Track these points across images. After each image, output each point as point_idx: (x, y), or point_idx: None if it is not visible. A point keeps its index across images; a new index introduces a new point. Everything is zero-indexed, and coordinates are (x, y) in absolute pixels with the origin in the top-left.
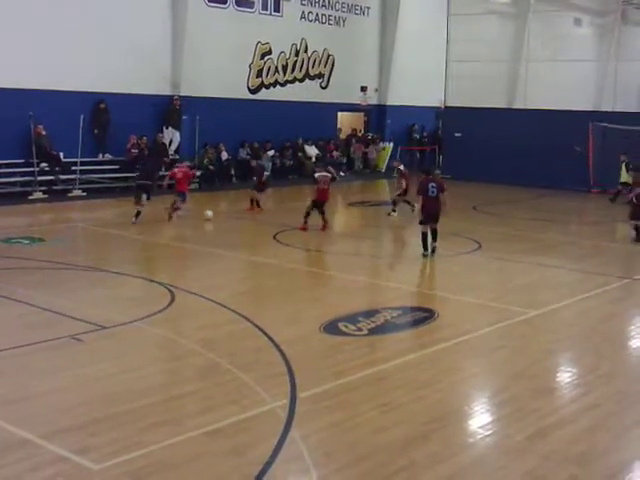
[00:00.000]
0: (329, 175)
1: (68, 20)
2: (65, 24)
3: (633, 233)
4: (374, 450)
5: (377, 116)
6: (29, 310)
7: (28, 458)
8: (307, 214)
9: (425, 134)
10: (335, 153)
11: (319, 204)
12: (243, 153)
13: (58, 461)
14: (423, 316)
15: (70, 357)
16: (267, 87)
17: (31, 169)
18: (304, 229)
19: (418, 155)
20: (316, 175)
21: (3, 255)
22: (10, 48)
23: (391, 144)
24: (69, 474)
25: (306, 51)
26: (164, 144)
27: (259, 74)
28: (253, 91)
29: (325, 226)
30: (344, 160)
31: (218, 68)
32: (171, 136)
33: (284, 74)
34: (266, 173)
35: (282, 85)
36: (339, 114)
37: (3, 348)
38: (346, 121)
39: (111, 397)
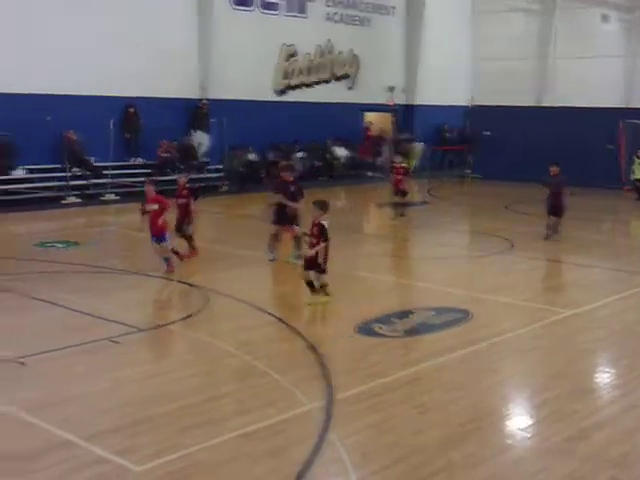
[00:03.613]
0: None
1: (98, 26)
2: (95, 30)
3: None
4: (412, 451)
5: (405, 116)
6: (67, 313)
7: (70, 459)
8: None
9: (453, 133)
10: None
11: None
12: (272, 156)
13: (99, 462)
14: (457, 317)
15: (108, 359)
16: (293, 89)
17: (64, 174)
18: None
19: (447, 155)
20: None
21: (40, 259)
22: (40, 54)
23: (422, 144)
24: (110, 475)
25: (331, 52)
26: (193, 147)
27: (285, 76)
28: (279, 93)
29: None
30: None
31: (244, 70)
32: (200, 139)
33: (310, 75)
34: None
35: (308, 86)
36: (366, 114)
37: (43, 351)
38: (374, 122)
39: (149, 399)
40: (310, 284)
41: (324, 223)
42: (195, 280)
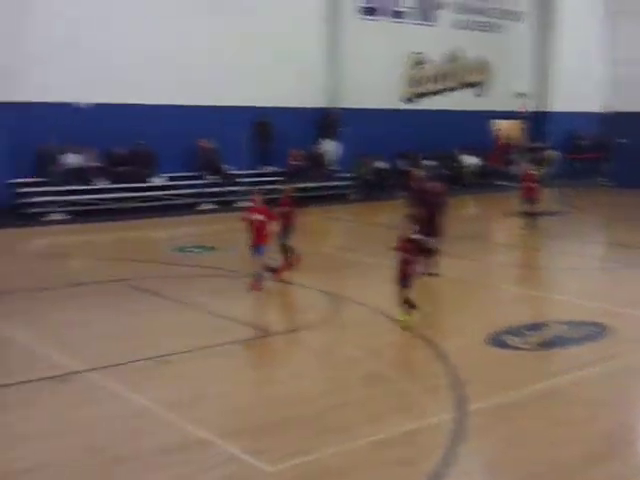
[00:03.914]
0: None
1: (231, 39)
2: (229, 43)
3: None
4: (550, 467)
5: (536, 123)
6: (204, 315)
7: (204, 456)
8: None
9: (587, 141)
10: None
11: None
12: (402, 164)
13: (232, 461)
14: (593, 331)
15: (241, 361)
16: (421, 97)
17: (200, 182)
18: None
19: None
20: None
21: (178, 263)
22: (178, 67)
23: (556, 152)
24: (244, 474)
25: (460, 59)
26: (322, 155)
27: (412, 84)
28: (407, 101)
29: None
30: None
31: (372, 79)
32: (329, 147)
33: (437, 83)
34: None
35: (436, 94)
36: (495, 122)
37: (180, 351)
38: (503, 129)
39: (280, 401)
40: (408, 301)
41: (416, 238)
42: (325, 287)
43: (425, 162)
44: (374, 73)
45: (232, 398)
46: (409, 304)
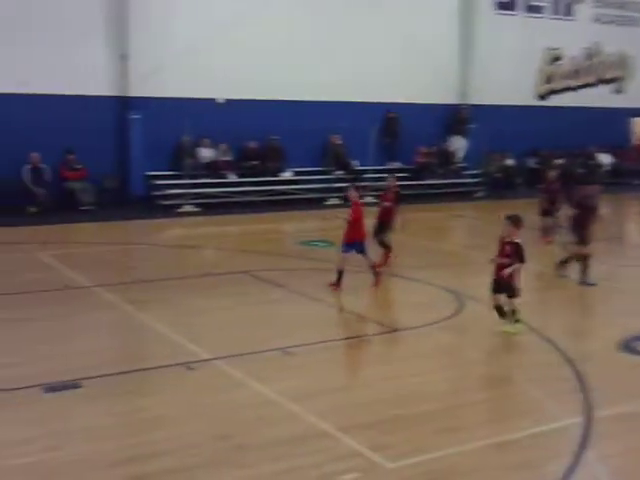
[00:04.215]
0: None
1: (362, 36)
2: (360, 40)
3: None
4: None
5: None
6: (327, 309)
7: (327, 449)
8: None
9: None
10: None
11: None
12: (532, 162)
13: (353, 455)
14: None
15: (364, 356)
16: (557, 93)
17: (327, 177)
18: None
19: None
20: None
21: (303, 257)
22: (308, 63)
23: None
24: (364, 468)
25: (599, 55)
26: (450, 152)
27: (548, 80)
28: (542, 97)
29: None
30: None
31: (505, 75)
32: (457, 144)
33: (574, 79)
34: None
35: (573, 91)
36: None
37: (304, 344)
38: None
39: (401, 398)
40: (499, 309)
41: (519, 242)
42: (449, 284)
43: (557, 160)
44: (507, 69)
45: (354, 392)
46: (500, 313)
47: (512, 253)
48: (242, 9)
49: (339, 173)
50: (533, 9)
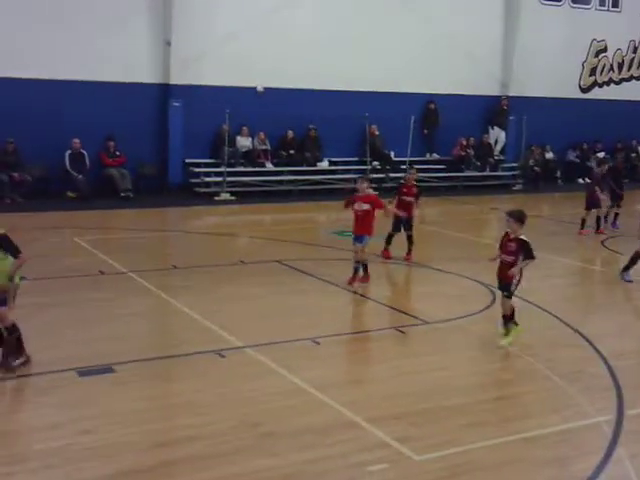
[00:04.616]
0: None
1: (405, 26)
2: (402, 30)
3: None
4: None
5: None
6: (359, 299)
7: (355, 439)
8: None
9: None
10: None
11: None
12: (572, 155)
13: (381, 446)
14: None
15: (393, 348)
16: (600, 86)
17: (364, 167)
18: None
19: None
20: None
21: (336, 247)
22: (349, 53)
23: None
24: (392, 460)
25: None
26: (489, 144)
27: (592, 72)
28: (585, 90)
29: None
30: None
31: (549, 67)
32: (497, 136)
33: (620, 72)
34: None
35: (617, 83)
36: None
37: (335, 334)
38: None
39: (432, 391)
40: (504, 315)
41: (524, 238)
42: (483, 277)
43: (598, 154)
44: (551, 61)
45: (383, 384)
46: (506, 319)
47: (517, 250)
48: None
49: (376, 164)
50: (579, 0)
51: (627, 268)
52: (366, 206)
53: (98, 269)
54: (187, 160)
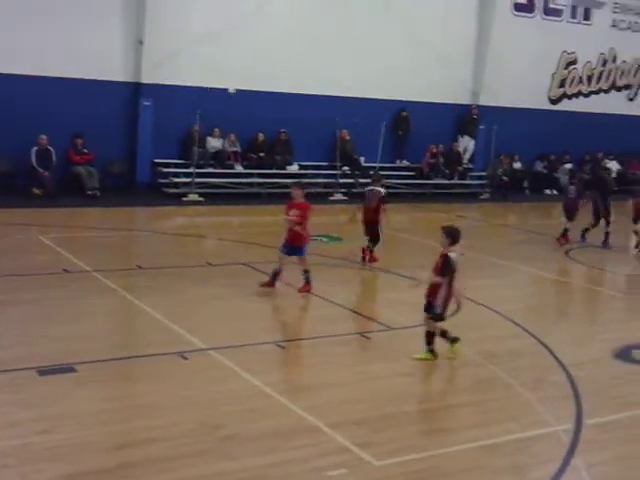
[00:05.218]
0: (380, 191)
1: (377, 33)
2: (374, 37)
3: None
4: None
5: None
6: (324, 304)
7: (316, 444)
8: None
9: None
10: None
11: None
12: (540, 166)
13: (342, 451)
14: None
15: (357, 353)
16: (569, 98)
17: (334, 172)
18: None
19: None
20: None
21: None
22: (321, 57)
23: None
24: (352, 465)
25: (614, 61)
26: (459, 152)
27: (562, 84)
28: (554, 101)
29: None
30: None
31: (519, 77)
32: (466, 145)
33: (589, 84)
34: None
35: (585, 96)
36: None
37: (299, 338)
38: None
39: (394, 397)
40: (442, 333)
41: (447, 254)
42: None
43: (565, 166)
44: (522, 71)
45: (346, 389)
46: (429, 338)
47: (441, 266)
48: (259, 0)
49: (346, 169)
50: (551, 12)
51: None
52: (296, 212)
53: (62, 267)
54: (156, 160)
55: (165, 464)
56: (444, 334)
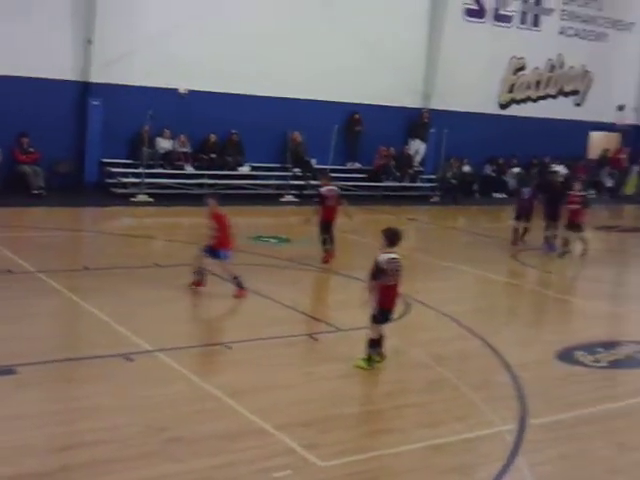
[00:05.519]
0: (337, 189)
1: (329, 35)
2: (326, 38)
3: None
4: None
5: (634, 137)
6: (273, 305)
7: (262, 446)
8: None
9: None
10: None
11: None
12: (489, 169)
13: (287, 453)
14: None
15: (305, 355)
16: (518, 103)
17: (285, 173)
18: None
19: None
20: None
21: (253, 252)
22: (273, 59)
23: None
24: (297, 466)
25: (562, 67)
26: (409, 155)
27: (511, 89)
28: (503, 106)
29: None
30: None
31: (469, 82)
32: (417, 148)
33: (537, 89)
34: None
35: (534, 101)
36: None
37: (245, 339)
38: (597, 141)
39: (340, 398)
40: (371, 341)
41: (379, 258)
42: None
43: (513, 169)
44: (472, 76)
45: (294, 390)
46: (370, 344)
47: (371, 270)
48: (210, 1)
49: (297, 170)
50: (501, 18)
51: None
52: (214, 224)
53: (6, 268)
54: (104, 160)
55: (109, 466)
56: (372, 343)
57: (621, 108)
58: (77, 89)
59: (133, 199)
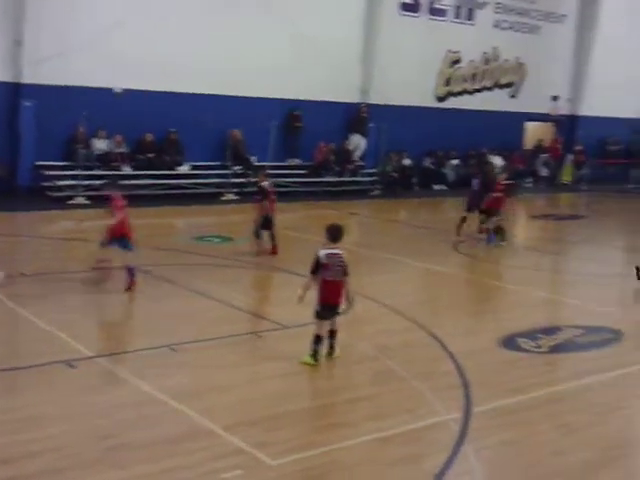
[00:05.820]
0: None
1: (265, 31)
2: (262, 35)
3: None
4: (551, 474)
5: (568, 127)
6: (216, 305)
7: (210, 447)
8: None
9: (618, 146)
10: None
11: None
12: (428, 162)
13: (237, 453)
14: (608, 337)
15: (251, 353)
16: (455, 95)
17: (225, 171)
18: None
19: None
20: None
21: (196, 252)
22: (210, 56)
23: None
24: (247, 466)
25: (497, 59)
26: (349, 150)
27: (447, 82)
28: (441, 99)
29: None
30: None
31: (407, 76)
32: (357, 143)
33: (473, 83)
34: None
35: (470, 94)
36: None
37: (190, 341)
38: (532, 132)
39: (288, 395)
40: (316, 337)
41: (319, 254)
42: None
43: (452, 161)
44: (409, 70)
45: (240, 390)
46: (315, 340)
47: (311, 265)
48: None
49: (237, 168)
50: (436, 12)
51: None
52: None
53: None
54: (38, 162)
55: (52, 476)
56: (317, 339)
57: (555, 99)
58: (7, 90)
59: (69, 202)
